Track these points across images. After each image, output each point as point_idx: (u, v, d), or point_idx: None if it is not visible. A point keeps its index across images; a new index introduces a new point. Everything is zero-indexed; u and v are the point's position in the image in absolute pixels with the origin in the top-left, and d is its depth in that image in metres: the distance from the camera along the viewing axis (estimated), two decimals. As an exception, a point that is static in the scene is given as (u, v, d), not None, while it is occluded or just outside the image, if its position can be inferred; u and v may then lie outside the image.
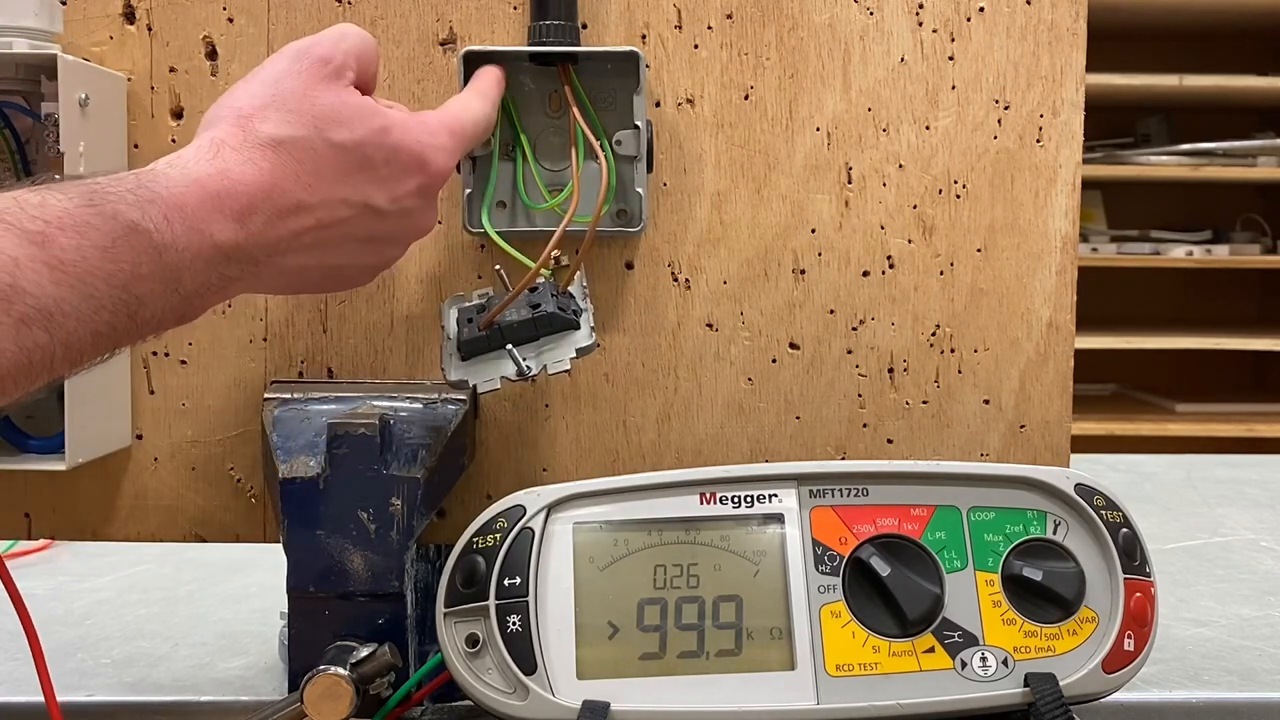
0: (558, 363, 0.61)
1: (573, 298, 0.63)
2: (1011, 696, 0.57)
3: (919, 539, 0.59)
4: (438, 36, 0.67)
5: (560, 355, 0.62)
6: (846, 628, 0.58)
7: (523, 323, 0.61)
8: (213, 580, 0.91)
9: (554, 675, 0.56)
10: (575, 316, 0.62)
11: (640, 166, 0.65)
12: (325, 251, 0.55)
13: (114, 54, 0.67)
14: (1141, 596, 0.59)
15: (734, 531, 0.59)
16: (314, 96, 0.54)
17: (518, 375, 0.61)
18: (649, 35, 0.67)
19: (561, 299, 0.62)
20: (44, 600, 0.86)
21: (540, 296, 0.62)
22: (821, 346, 0.69)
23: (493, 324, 0.61)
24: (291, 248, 0.53)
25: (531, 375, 0.61)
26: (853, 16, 0.68)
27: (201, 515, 0.68)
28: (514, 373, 0.61)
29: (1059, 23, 0.68)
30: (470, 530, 0.59)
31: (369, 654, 0.59)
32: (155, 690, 0.70)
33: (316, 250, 0.54)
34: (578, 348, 0.62)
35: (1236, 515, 1.11)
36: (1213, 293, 2.79)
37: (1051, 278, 0.69)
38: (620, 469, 0.69)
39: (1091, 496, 0.60)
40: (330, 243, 0.55)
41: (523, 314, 0.61)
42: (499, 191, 0.66)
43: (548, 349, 0.62)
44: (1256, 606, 0.85)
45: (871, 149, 0.68)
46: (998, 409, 0.69)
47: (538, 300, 0.62)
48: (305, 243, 0.53)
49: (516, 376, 0.61)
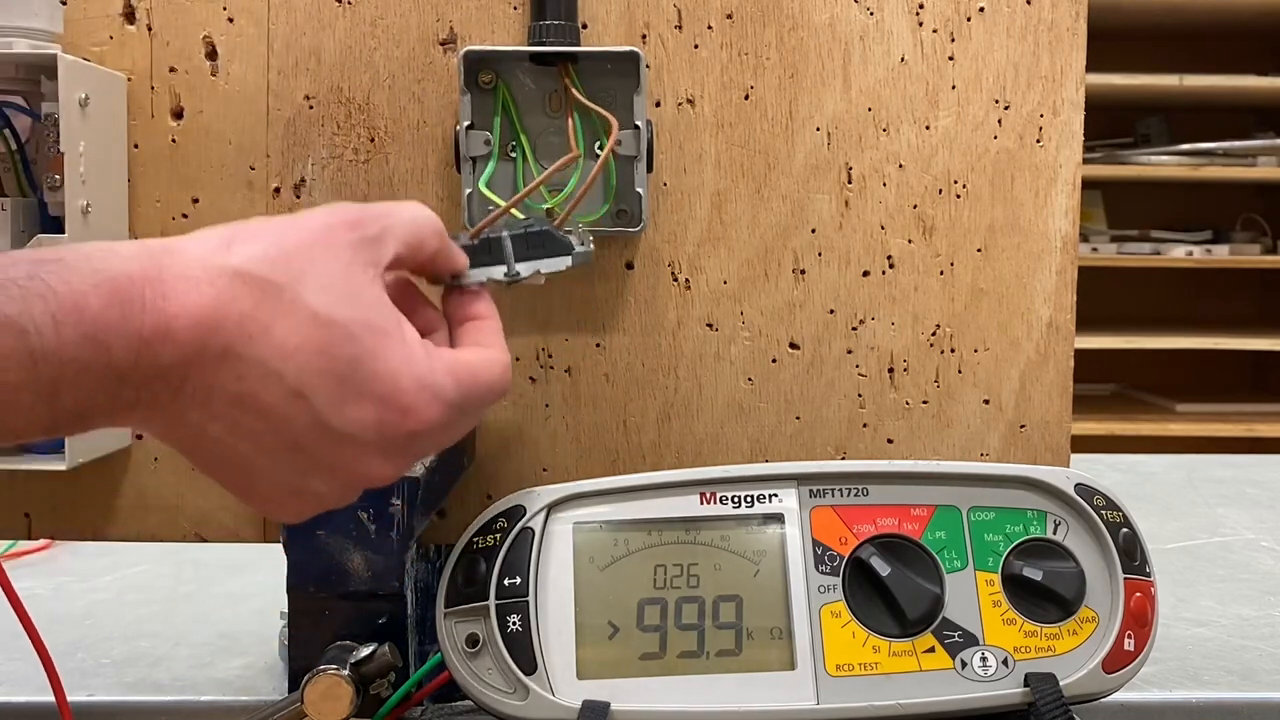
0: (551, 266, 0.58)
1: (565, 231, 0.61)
2: (1011, 696, 0.57)
3: (919, 539, 0.59)
4: (438, 36, 0.67)
5: (555, 266, 0.59)
6: (846, 628, 0.58)
7: (515, 236, 0.58)
8: (213, 580, 0.91)
9: (554, 675, 0.56)
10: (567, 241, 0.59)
11: (640, 166, 0.65)
12: (237, 432, 0.44)
13: (114, 54, 0.67)
14: (1141, 596, 0.59)
15: (734, 531, 0.59)
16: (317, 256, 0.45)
17: (506, 277, 0.57)
18: (649, 35, 0.67)
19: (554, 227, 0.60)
20: (44, 600, 0.86)
21: (533, 220, 0.60)
22: (821, 346, 0.69)
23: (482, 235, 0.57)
24: (199, 401, 0.43)
25: (521, 278, 0.57)
26: (853, 16, 0.68)
27: (201, 515, 0.68)
28: (502, 274, 0.57)
29: (1059, 23, 0.68)
30: (470, 530, 0.59)
31: (369, 654, 0.59)
32: (155, 690, 0.70)
33: (225, 422, 0.43)
34: (574, 253, 0.59)
35: (1236, 515, 1.11)
36: (1213, 293, 2.79)
37: (1051, 278, 0.69)
38: (620, 469, 0.69)
39: (1091, 496, 0.60)
40: (245, 425, 0.44)
41: (515, 230, 0.58)
42: (499, 191, 0.66)
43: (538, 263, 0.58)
44: (1256, 606, 0.85)
45: (871, 149, 0.68)
46: (998, 409, 0.69)
47: (530, 222, 0.59)
48: (217, 407, 0.43)
49: (505, 278, 0.57)
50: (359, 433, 0.45)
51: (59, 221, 0.61)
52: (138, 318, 0.40)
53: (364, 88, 0.67)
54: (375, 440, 0.46)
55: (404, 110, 0.67)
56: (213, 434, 0.44)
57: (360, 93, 0.67)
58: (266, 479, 0.46)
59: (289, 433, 0.44)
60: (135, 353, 0.40)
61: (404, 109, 0.67)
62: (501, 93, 0.65)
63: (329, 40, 0.66)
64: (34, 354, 0.38)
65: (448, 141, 0.66)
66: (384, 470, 0.47)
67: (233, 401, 0.43)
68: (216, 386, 0.42)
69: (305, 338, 0.43)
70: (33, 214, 0.63)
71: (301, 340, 0.43)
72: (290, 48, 0.67)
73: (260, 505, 0.48)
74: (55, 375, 0.39)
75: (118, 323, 0.40)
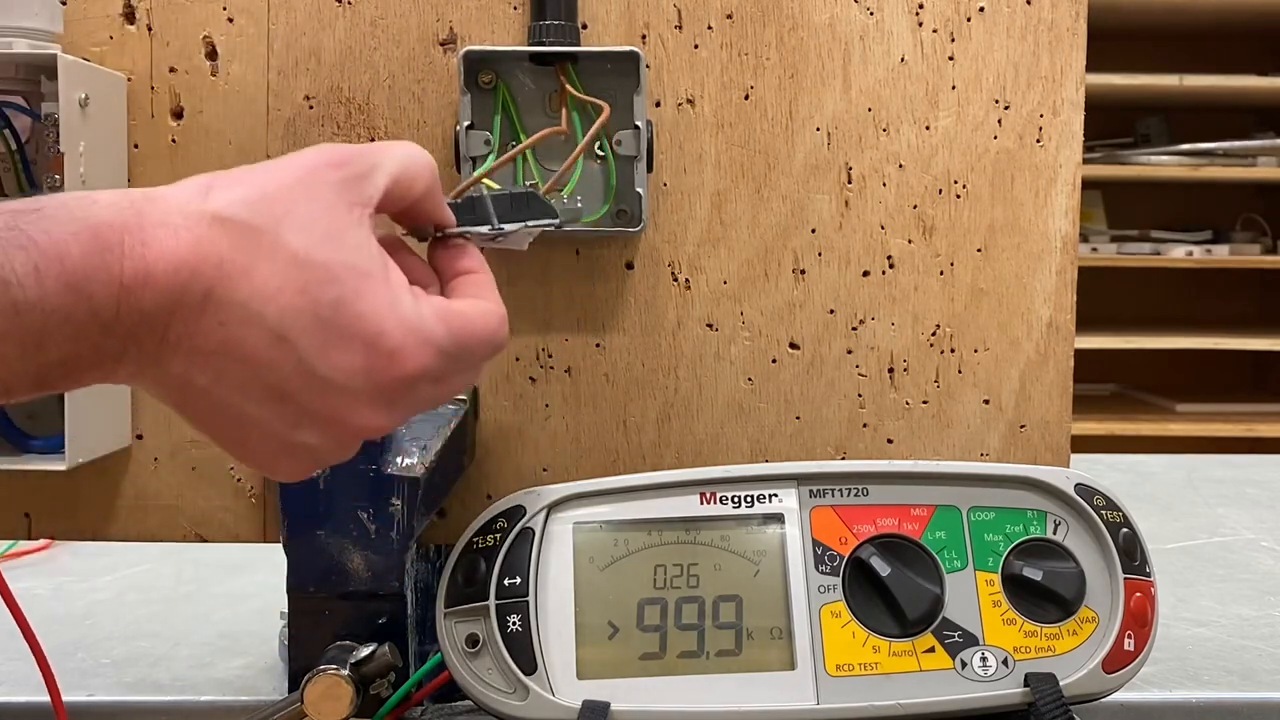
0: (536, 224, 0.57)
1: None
2: (1011, 696, 0.57)
3: (919, 539, 0.59)
4: (438, 36, 0.67)
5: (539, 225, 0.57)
6: (846, 628, 0.58)
7: (498, 196, 0.56)
8: (213, 580, 0.91)
9: (554, 675, 0.56)
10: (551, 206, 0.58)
11: (640, 166, 0.65)
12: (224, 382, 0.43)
13: (114, 54, 0.67)
14: (1141, 596, 0.59)
15: (734, 531, 0.59)
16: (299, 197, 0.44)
17: (491, 231, 0.55)
18: (649, 35, 0.67)
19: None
20: (44, 600, 0.86)
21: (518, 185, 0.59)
22: (821, 346, 0.69)
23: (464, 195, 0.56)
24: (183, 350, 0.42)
25: (505, 232, 0.56)
26: (853, 16, 0.68)
27: (201, 515, 0.68)
28: (487, 230, 0.55)
29: (1059, 23, 0.68)
30: (470, 530, 0.59)
31: (369, 654, 0.59)
32: (155, 690, 0.70)
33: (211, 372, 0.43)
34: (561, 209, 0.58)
35: (1236, 515, 1.11)
36: (1213, 293, 2.79)
37: (1051, 278, 0.69)
38: (620, 469, 0.69)
39: (1091, 496, 0.60)
40: (231, 374, 0.43)
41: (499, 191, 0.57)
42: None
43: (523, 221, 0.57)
44: (1256, 606, 0.85)
45: (871, 149, 0.68)
46: (998, 409, 0.69)
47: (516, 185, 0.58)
48: (201, 355, 0.42)
49: (489, 232, 0.55)
50: (346, 380, 0.44)
51: (59, 221, 0.61)
52: (117, 264, 0.40)
53: (364, 88, 0.67)
54: (364, 387, 0.44)
55: (404, 110, 0.67)
56: (200, 384, 0.43)
57: (360, 93, 0.67)
58: (257, 432, 0.45)
59: (274, 379, 0.43)
60: (117, 300, 0.40)
61: (404, 109, 0.67)
62: (501, 93, 0.65)
63: (329, 40, 0.67)
64: (16, 305, 0.38)
65: (448, 141, 0.66)
66: (377, 420, 0.46)
67: (217, 348, 0.42)
68: (199, 333, 0.42)
69: (286, 279, 0.42)
70: (33, 214, 0.63)
71: (282, 282, 0.42)
72: (290, 48, 0.67)
73: (254, 461, 0.47)
74: (39, 326, 0.39)
75: (98, 270, 0.39)
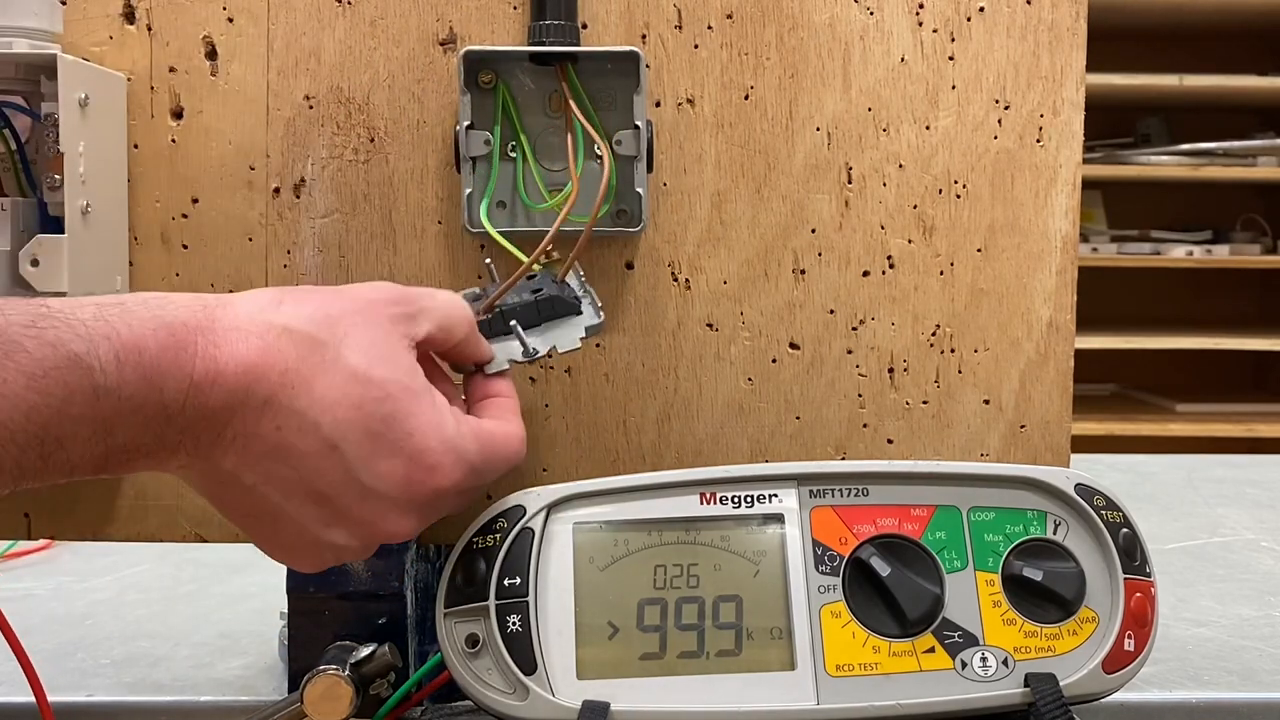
0: (569, 341, 0.61)
1: (570, 287, 0.63)
2: (1011, 697, 0.57)
3: (919, 539, 0.59)
4: (438, 36, 0.67)
5: (569, 335, 0.61)
6: (846, 628, 0.58)
7: (525, 305, 0.61)
8: (213, 580, 0.91)
9: (554, 675, 0.56)
10: (576, 302, 0.62)
11: (640, 166, 0.65)
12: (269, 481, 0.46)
13: (114, 54, 0.67)
14: (1142, 596, 0.59)
15: (734, 531, 0.59)
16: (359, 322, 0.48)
17: (525, 356, 0.60)
18: (649, 35, 0.67)
19: (561, 287, 0.62)
20: (44, 600, 0.86)
21: (541, 283, 0.62)
22: (821, 346, 0.69)
23: (494, 308, 0.60)
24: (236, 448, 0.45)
25: (538, 355, 0.60)
26: (853, 16, 0.68)
27: (201, 515, 0.68)
28: (520, 354, 0.60)
29: (1059, 23, 0.68)
30: (470, 530, 0.59)
31: (369, 654, 0.59)
32: (155, 690, 0.70)
33: (259, 471, 0.46)
34: (587, 326, 0.62)
35: (1236, 515, 1.11)
36: (1213, 293, 2.79)
37: (1051, 278, 0.69)
38: (620, 469, 0.68)
39: (1091, 496, 0.60)
40: (278, 474, 0.46)
41: (525, 298, 0.61)
42: (499, 191, 0.66)
43: (552, 332, 0.61)
44: (1256, 606, 0.85)
45: (871, 149, 0.68)
46: (998, 409, 0.69)
47: (538, 286, 0.62)
48: (253, 455, 0.45)
49: (524, 358, 0.60)
50: (386, 488, 0.48)
51: (59, 221, 0.61)
52: (190, 362, 0.43)
53: (364, 88, 0.67)
54: (400, 496, 0.48)
55: (404, 110, 0.67)
56: (246, 482, 0.46)
57: (360, 93, 0.67)
58: (291, 529, 0.48)
59: (319, 483, 0.47)
60: (185, 394, 0.43)
61: (404, 109, 0.67)
62: (501, 93, 0.65)
63: (329, 40, 0.66)
64: (97, 390, 0.41)
65: (448, 141, 0.66)
66: (403, 526, 0.50)
67: (269, 450, 0.45)
68: (256, 435, 0.45)
69: (344, 393, 0.46)
70: (32, 214, 0.63)
71: (340, 395, 0.46)
72: (290, 48, 0.67)
73: (281, 554, 0.50)
74: (112, 411, 0.41)
75: (172, 366, 0.43)
